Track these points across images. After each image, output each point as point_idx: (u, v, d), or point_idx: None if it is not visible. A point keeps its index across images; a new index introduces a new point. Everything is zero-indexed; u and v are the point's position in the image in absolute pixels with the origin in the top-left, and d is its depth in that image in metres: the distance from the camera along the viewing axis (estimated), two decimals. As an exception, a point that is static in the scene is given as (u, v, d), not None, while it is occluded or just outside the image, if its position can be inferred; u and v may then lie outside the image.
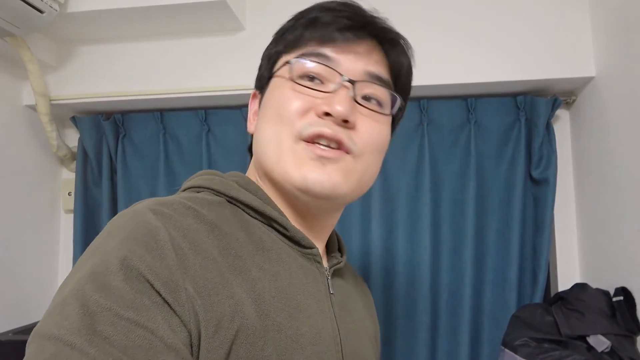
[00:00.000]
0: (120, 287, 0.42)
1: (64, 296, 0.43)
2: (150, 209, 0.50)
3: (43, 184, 1.65)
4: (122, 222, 0.49)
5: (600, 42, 1.30)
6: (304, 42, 0.61)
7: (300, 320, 0.54)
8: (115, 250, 0.45)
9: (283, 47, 0.64)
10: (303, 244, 0.60)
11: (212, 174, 0.63)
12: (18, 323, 1.46)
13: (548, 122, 1.42)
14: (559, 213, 1.47)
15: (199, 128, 1.58)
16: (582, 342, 1.14)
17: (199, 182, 0.61)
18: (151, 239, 0.46)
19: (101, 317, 0.41)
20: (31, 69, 1.42)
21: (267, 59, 0.67)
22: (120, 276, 0.43)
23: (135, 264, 0.44)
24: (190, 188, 0.61)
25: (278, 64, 0.64)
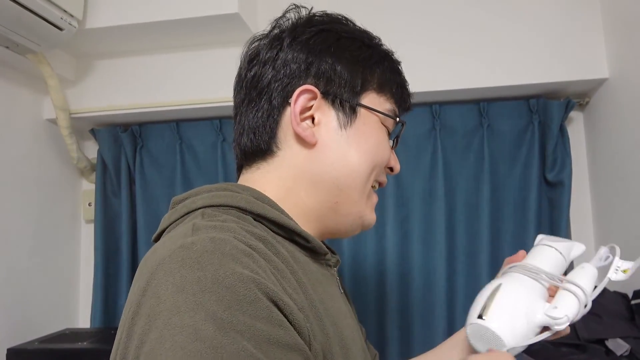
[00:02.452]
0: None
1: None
2: (234, 259, 0.44)
3: (64, 195, 1.70)
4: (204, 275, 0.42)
5: (613, 44, 1.30)
6: (397, 102, 0.67)
7: (342, 326, 0.57)
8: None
9: (377, 85, 0.64)
10: (319, 251, 0.62)
11: (229, 189, 0.58)
12: (42, 332, 1.50)
13: (562, 125, 1.41)
14: (575, 215, 1.46)
15: (215, 137, 1.61)
16: (600, 345, 1.14)
17: (219, 200, 0.56)
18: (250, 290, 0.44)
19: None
20: (51, 84, 1.47)
21: (354, 72, 0.62)
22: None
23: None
24: (212, 206, 0.56)
25: (371, 100, 0.64)
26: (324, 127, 0.61)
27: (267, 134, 0.61)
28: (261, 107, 0.62)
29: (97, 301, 1.61)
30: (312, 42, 0.62)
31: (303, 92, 0.60)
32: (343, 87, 0.61)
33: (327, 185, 0.61)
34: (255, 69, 0.63)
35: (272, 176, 0.62)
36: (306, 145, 0.61)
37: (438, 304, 1.44)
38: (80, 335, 1.39)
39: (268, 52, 0.63)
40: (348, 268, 1.48)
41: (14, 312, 1.43)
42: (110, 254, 1.66)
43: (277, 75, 0.61)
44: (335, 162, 0.60)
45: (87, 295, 1.69)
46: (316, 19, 0.65)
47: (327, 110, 0.61)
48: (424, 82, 1.40)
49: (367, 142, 0.62)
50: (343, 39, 0.63)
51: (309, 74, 0.61)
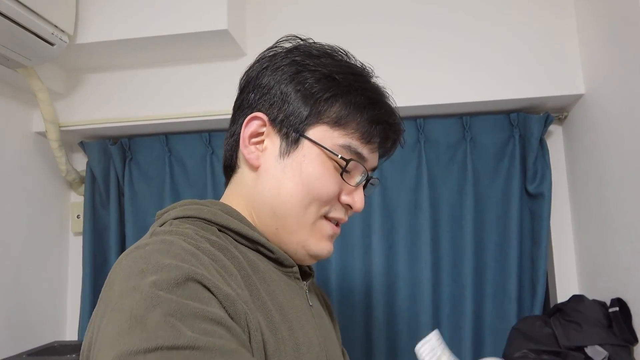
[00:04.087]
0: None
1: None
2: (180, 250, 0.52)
3: (53, 207, 1.70)
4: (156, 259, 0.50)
5: (589, 60, 1.35)
6: (363, 139, 0.65)
7: (297, 333, 0.60)
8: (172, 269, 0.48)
9: (332, 119, 0.63)
10: (286, 264, 0.67)
11: (197, 204, 0.64)
12: (30, 344, 1.49)
13: (541, 138, 1.46)
14: (556, 226, 1.51)
15: (204, 150, 1.63)
16: (580, 353, 1.17)
17: (188, 212, 0.61)
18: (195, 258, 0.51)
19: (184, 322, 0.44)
20: (41, 98, 1.48)
21: (304, 104, 0.63)
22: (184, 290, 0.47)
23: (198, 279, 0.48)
24: (179, 218, 0.61)
25: (320, 133, 0.63)
26: (269, 153, 0.64)
27: (233, 152, 0.68)
28: (233, 126, 0.69)
29: (85, 314, 1.61)
30: (279, 71, 0.65)
31: (253, 118, 0.65)
32: (290, 117, 0.63)
33: (267, 210, 0.65)
34: (241, 89, 0.71)
35: (236, 192, 0.68)
36: (251, 167, 0.66)
37: (424, 314, 1.46)
38: (68, 347, 1.39)
39: (248, 75, 0.69)
40: (335, 279, 1.50)
41: (2, 325, 1.42)
42: (98, 266, 1.66)
43: (246, 98, 0.67)
44: (272, 188, 0.64)
45: (75, 308, 1.69)
46: (297, 49, 0.68)
47: (274, 138, 0.64)
48: (408, 96, 1.44)
49: (302, 174, 0.63)
50: (307, 71, 0.64)
51: (266, 100, 0.65)
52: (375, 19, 1.49)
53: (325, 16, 1.52)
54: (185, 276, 0.47)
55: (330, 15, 1.51)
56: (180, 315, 0.43)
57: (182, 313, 0.44)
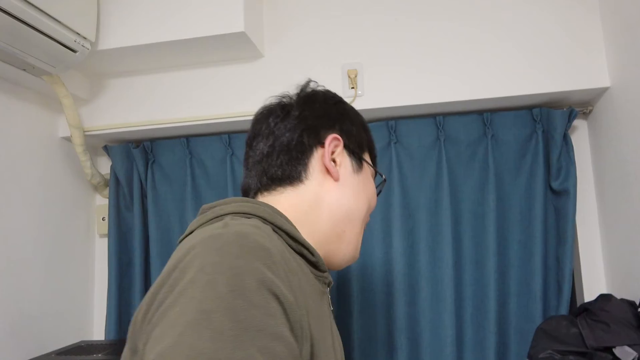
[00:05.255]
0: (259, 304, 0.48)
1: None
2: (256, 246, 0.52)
3: (79, 210, 1.75)
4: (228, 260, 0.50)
5: (613, 53, 1.31)
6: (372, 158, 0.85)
7: (331, 335, 0.65)
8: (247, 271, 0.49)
9: (368, 147, 0.83)
10: (322, 268, 0.70)
11: (249, 202, 0.67)
12: (58, 344, 1.54)
13: (565, 133, 1.42)
14: (582, 223, 1.47)
15: (224, 152, 1.65)
16: (608, 353, 1.14)
17: (244, 209, 0.64)
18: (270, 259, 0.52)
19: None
20: (66, 104, 1.52)
21: (362, 135, 0.80)
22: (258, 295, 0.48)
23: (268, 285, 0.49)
24: (236, 213, 0.63)
25: (368, 159, 0.82)
26: (344, 168, 0.76)
27: (300, 166, 0.73)
28: (292, 146, 0.74)
29: (111, 314, 1.64)
30: (334, 107, 0.79)
31: (335, 138, 0.75)
32: (355, 143, 0.78)
33: (342, 215, 0.74)
34: (278, 120, 0.77)
35: (295, 200, 0.72)
36: (331, 179, 0.74)
37: (446, 313, 1.44)
38: (95, 347, 1.42)
39: (294, 108, 0.77)
40: (356, 279, 1.50)
41: (31, 326, 1.47)
42: (123, 267, 1.70)
43: (306, 122, 0.75)
44: (351, 197, 0.75)
45: (101, 308, 1.73)
46: (330, 93, 0.83)
47: (344, 157, 0.77)
48: (428, 93, 1.42)
49: (367, 188, 0.79)
50: (352, 112, 0.82)
51: (334, 125, 0.77)
52: (391, 18, 1.48)
53: (341, 17, 1.51)
54: (258, 282, 0.48)
55: (347, 16, 1.51)
56: (245, 326, 0.44)
57: (248, 324, 0.44)
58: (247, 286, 0.47)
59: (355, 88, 1.45)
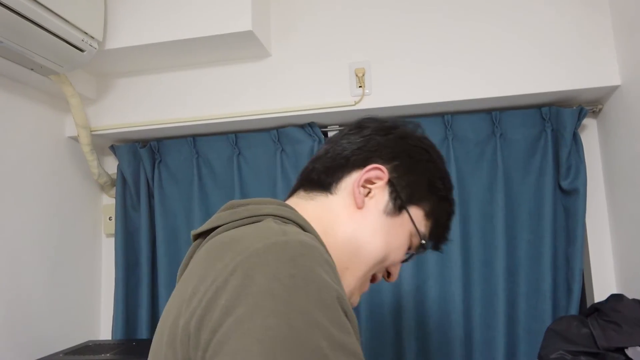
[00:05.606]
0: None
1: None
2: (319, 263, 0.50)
3: (85, 210, 1.75)
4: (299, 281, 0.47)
5: (624, 50, 1.30)
6: (431, 235, 0.76)
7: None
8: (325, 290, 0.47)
9: (427, 209, 0.73)
10: None
11: (289, 207, 0.64)
12: (65, 344, 1.54)
13: (575, 132, 1.41)
14: (591, 222, 1.46)
15: (230, 151, 1.64)
16: (620, 354, 1.12)
17: (284, 214, 0.61)
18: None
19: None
20: (73, 103, 1.52)
21: (420, 188, 0.72)
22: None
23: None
24: (276, 216, 0.60)
25: (417, 214, 0.72)
26: (374, 202, 0.70)
27: (335, 177, 0.71)
28: (340, 156, 0.72)
29: (118, 313, 1.64)
30: (405, 145, 0.73)
31: (376, 168, 0.70)
32: (405, 189, 0.71)
33: (351, 247, 0.68)
34: (351, 132, 0.75)
35: (319, 212, 0.69)
36: (353, 204, 0.69)
37: (455, 313, 1.44)
38: (102, 347, 1.42)
39: (370, 128, 0.74)
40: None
41: (39, 325, 1.47)
42: (130, 267, 1.69)
43: (367, 144, 0.72)
44: (368, 234, 0.69)
45: (108, 308, 1.73)
46: (426, 139, 0.77)
47: (382, 194, 0.70)
48: (436, 92, 1.41)
49: (392, 238, 0.70)
50: (433, 165, 0.74)
51: (390, 160, 0.71)
52: (400, 17, 1.47)
53: (349, 16, 1.51)
54: (333, 297, 0.46)
55: (354, 14, 1.50)
56: (336, 345, 0.43)
57: (334, 343, 0.43)
58: (328, 303, 0.46)
59: (363, 87, 1.45)
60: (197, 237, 0.65)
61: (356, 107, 1.45)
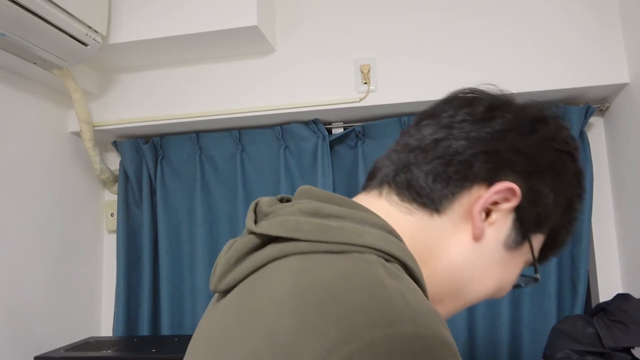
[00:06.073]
0: None
1: None
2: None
3: (87, 206, 1.74)
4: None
5: (633, 48, 1.29)
6: (545, 253, 0.59)
7: None
8: None
9: (547, 233, 0.56)
10: None
11: (394, 234, 0.47)
12: (66, 340, 1.53)
13: (581, 130, 1.40)
14: (597, 222, 1.45)
15: (234, 148, 1.63)
16: (626, 354, 1.11)
17: (392, 250, 0.44)
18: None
19: None
20: (76, 98, 1.51)
21: (555, 212, 0.54)
22: None
23: None
24: (382, 252, 0.44)
25: (538, 240, 0.56)
26: (493, 232, 0.52)
27: (447, 192, 0.51)
28: (456, 160, 0.51)
29: (120, 310, 1.63)
30: (554, 156, 0.53)
31: (510, 190, 0.50)
32: (536, 215, 0.53)
33: (454, 282, 0.52)
34: (469, 119, 0.53)
35: (418, 235, 0.51)
36: (470, 234, 0.52)
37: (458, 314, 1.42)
38: (104, 343, 1.41)
39: (501, 119, 0.53)
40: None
41: (40, 322, 1.46)
42: (132, 263, 1.68)
43: (498, 145, 0.51)
44: (477, 272, 0.53)
45: (109, 304, 1.72)
46: (570, 137, 0.56)
47: (505, 220, 0.52)
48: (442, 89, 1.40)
49: (507, 274, 0.55)
50: (573, 178, 0.55)
51: (528, 176, 0.51)
52: (406, 14, 1.46)
53: (354, 11, 1.49)
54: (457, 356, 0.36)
55: (360, 10, 1.49)
56: None
57: None
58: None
59: (369, 83, 1.44)
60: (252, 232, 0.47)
61: (361, 104, 1.44)
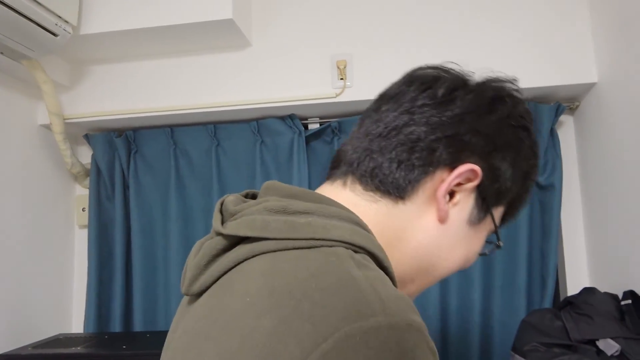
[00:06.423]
0: None
1: None
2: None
3: (58, 201, 1.70)
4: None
5: (602, 49, 1.32)
6: (505, 218, 0.61)
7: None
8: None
9: (510, 200, 0.58)
10: None
11: (362, 226, 0.48)
12: (35, 337, 1.49)
13: (552, 128, 1.43)
14: (566, 218, 1.48)
15: (209, 142, 1.62)
16: (591, 346, 1.15)
17: (361, 242, 0.45)
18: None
19: None
20: (46, 90, 1.47)
21: (514, 185, 0.56)
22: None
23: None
24: (350, 244, 0.45)
25: (498, 212, 0.58)
26: (457, 211, 0.54)
27: (411, 178, 0.52)
28: (419, 147, 0.52)
29: (91, 306, 1.61)
30: (512, 132, 0.55)
31: (472, 171, 0.52)
32: (496, 192, 0.55)
33: (423, 263, 0.54)
34: (430, 103, 0.54)
35: (384, 221, 0.52)
36: (435, 216, 0.53)
37: (431, 307, 1.45)
38: (73, 340, 1.39)
39: (461, 102, 0.54)
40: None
41: (7, 318, 1.42)
42: (104, 259, 1.66)
43: (460, 129, 0.52)
44: (446, 249, 0.55)
45: (80, 301, 1.69)
46: (523, 106, 0.57)
47: (468, 199, 0.54)
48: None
49: (472, 247, 0.57)
50: (529, 151, 0.57)
51: (488, 155, 0.53)
52: (382, 10, 1.46)
53: (331, 7, 1.49)
54: (430, 343, 0.39)
55: (337, 5, 1.49)
56: None
57: None
58: (433, 349, 0.39)
59: (345, 79, 1.44)
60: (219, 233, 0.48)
61: (337, 99, 1.44)
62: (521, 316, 1.37)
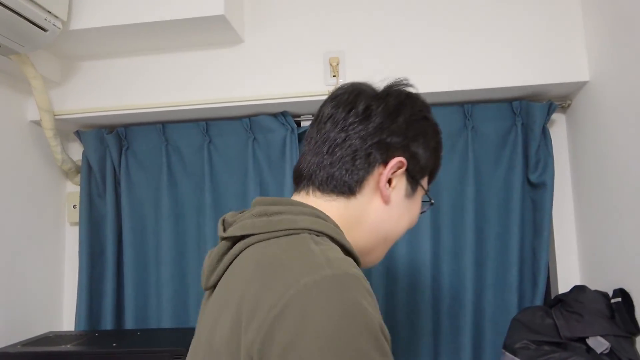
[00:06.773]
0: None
1: None
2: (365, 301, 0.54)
3: (48, 198, 1.68)
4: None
5: (593, 47, 1.32)
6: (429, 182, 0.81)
7: None
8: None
9: (430, 170, 0.78)
10: None
11: (322, 217, 0.66)
12: (25, 335, 1.48)
13: (544, 127, 1.43)
14: (558, 216, 1.49)
15: (201, 139, 1.61)
16: (581, 343, 1.16)
17: (320, 228, 0.63)
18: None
19: None
20: (35, 86, 1.45)
21: (430, 160, 0.76)
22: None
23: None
24: (312, 231, 0.63)
25: (426, 182, 0.78)
26: (397, 192, 0.74)
27: (358, 178, 0.71)
28: (358, 155, 0.71)
29: (82, 304, 1.59)
30: (416, 125, 0.74)
31: (399, 162, 0.71)
32: (419, 168, 0.75)
33: (380, 235, 0.75)
34: (357, 120, 0.72)
35: (344, 212, 0.71)
36: (381, 200, 0.73)
37: (423, 303, 1.45)
38: (64, 338, 1.38)
39: (376, 114, 0.72)
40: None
41: (-3, 316, 1.41)
42: (95, 256, 1.64)
43: (382, 135, 0.71)
44: (394, 220, 0.75)
45: (71, 298, 1.67)
46: (422, 102, 0.77)
47: (402, 181, 0.74)
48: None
49: (413, 210, 0.78)
50: (432, 132, 0.77)
51: (406, 147, 0.73)
52: (375, 7, 1.46)
53: (324, 4, 1.49)
54: (377, 329, 0.52)
55: (330, 3, 1.48)
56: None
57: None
58: (374, 335, 0.51)
59: (337, 76, 1.43)
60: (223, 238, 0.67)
61: (329, 97, 1.44)
62: (512, 314, 1.37)
